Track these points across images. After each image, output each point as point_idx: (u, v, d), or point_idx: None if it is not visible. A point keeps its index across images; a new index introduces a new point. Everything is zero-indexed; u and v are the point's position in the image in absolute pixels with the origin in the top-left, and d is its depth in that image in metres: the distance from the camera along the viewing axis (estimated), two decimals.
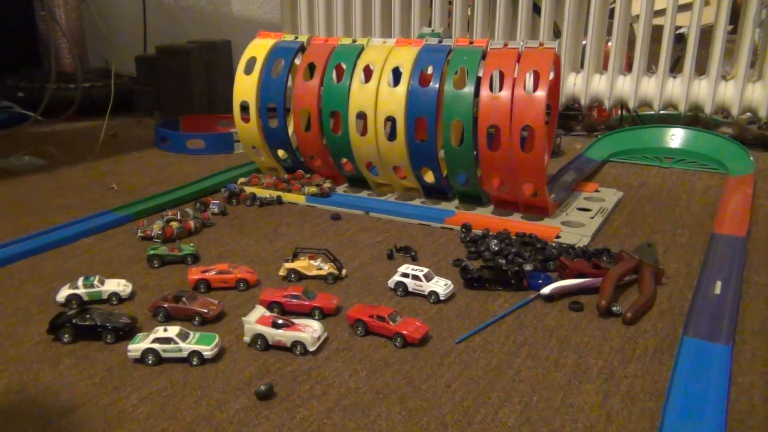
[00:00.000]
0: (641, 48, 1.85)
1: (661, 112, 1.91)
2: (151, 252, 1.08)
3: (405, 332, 0.83)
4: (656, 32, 1.84)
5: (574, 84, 1.96)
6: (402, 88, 1.26)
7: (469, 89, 1.21)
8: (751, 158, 1.58)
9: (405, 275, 0.97)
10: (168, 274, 1.05)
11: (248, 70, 1.43)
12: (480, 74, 1.21)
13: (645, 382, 0.76)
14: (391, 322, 0.84)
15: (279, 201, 1.39)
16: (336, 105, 1.33)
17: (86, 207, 1.36)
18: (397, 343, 0.83)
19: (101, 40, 2.55)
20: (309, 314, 0.91)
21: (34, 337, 0.86)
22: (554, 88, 1.33)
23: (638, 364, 0.79)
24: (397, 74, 1.29)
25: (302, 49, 1.44)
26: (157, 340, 0.79)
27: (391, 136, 1.29)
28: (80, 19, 2.37)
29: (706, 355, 0.80)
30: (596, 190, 1.43)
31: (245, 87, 1.42)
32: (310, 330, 0.82)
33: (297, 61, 1.43)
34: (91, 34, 2.52)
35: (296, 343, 0.81)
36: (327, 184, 1.39)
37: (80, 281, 0.95)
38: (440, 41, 1.32)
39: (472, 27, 1.99)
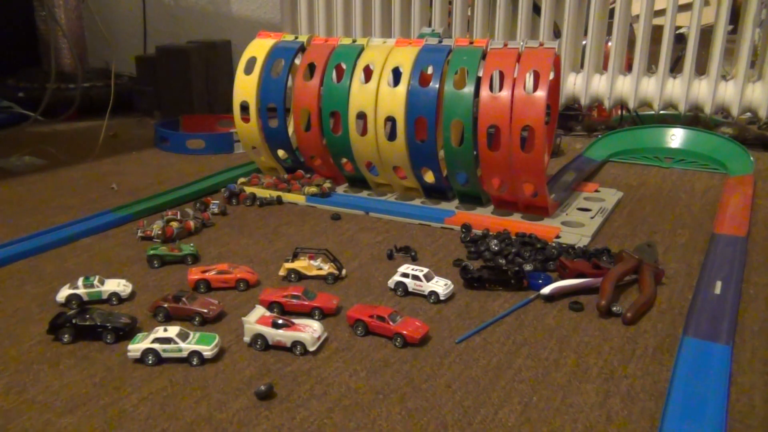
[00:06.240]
0: (641, 48, 1.85)
1: (661, 112, 1.91)
2: (151, 252, 1.08)
3: (405, 332, 0.83)
4: (656, 32, 1.84)
5: (574, 84, 1.96)
6: (402, 88, 1.26)
7: (469, 89, 1.21)
8: (751, 158, 1.58)
9: (405, 275, 0.97)
10: (168, 274, 1.05)
11: (248, 70, 1.43)
12: (480, 74, 1.21)
13: (645, 382, 0.76)
14: (391, 322, 0.84)
15: (279, 201, 1.39)
16: (336, 105, 1.33)
17: (86, 207, 1.36)
18: (397, 343, 0.83)
19: (101, 40, 2.55)
20: (309, 314, 0.91)
21: (34, 337, 0.86)
22: (554, 88, 1.33)
23: (638, 364, 0.79)
24: (397, 74, 1.29)
25: (302, 49, 1.44)
26: (157, 340, 0.79)
27: (391, 136, 1.28)
28: (80, 19, 2.37)
29: (706, 355, 0.80)
30: (596, 190, 1.43)
31: (245, 87, 1.42)
32: (310, 330, 0.82)
33: (297, 61, 1.43)
34: (91, 34, 2.52)
35: (296, 343, 0.81)
36: (327, 184, 1.39)
37: (80, 281, 0.95)
38: (440, 41, 1.32)
39: (472, 27, 1.99)
